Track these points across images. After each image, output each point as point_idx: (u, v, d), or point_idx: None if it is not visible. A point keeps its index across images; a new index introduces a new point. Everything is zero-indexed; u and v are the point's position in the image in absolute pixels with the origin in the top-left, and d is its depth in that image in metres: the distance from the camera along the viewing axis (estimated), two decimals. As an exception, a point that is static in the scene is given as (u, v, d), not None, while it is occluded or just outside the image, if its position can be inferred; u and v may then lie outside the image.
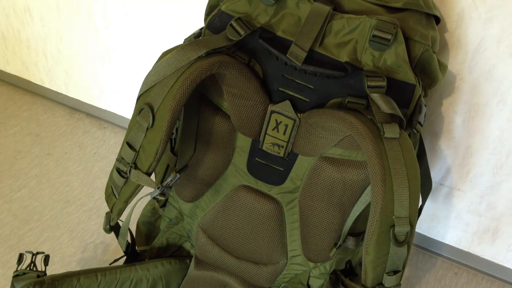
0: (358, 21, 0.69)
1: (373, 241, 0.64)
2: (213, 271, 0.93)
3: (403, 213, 0.63)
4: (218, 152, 0.81)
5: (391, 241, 0.64)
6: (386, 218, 0.63)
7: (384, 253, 0.65)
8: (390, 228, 0.64)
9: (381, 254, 0.65)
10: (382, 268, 0.66)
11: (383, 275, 0.67)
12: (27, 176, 1.29)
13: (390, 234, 0.64)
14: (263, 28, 0.72)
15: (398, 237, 0.64)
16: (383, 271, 0.67)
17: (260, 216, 0.83)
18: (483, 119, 0.91)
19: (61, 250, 1.11)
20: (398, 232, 0.64)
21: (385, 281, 0.67)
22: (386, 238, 0.64)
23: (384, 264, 0.66)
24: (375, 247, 0.64)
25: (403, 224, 0.63)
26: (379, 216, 0.63)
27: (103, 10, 1.22)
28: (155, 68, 0.70)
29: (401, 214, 0.63)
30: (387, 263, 0.66)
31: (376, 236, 0.64)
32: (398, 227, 0.63)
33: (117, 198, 0.78)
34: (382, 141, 0.64)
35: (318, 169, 0.75)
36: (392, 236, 0.64)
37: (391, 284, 0.67)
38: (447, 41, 0.86)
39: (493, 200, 0.99)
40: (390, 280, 0.67)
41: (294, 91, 0.72)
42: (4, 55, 1.53)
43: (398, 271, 0.67)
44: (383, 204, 0.62)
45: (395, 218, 0.63)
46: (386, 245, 0.65)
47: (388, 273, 0.66)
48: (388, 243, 0.65)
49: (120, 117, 1.43)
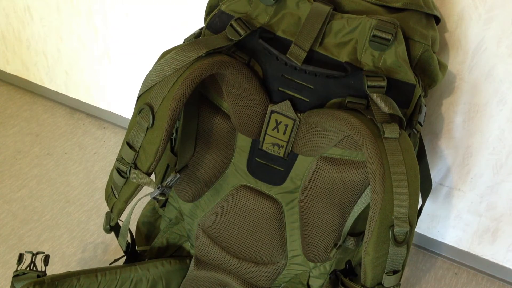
0: (358, 21, 0.69)
1: (373, 241, 0.64)
2: (213, 271, 0.93)
3: (403, 213, 0.63)
4: (218, 152, 0.81)
5: (390, 241, 0.64)
6: (385, 218, 0.63)
7: (383, 253, 0.65)
8: (390, 228, 0.64)
9: (381, 254, 0.65)
10: (382, 268, 0.66)
11: (382, 275, 0.67)
12: (27, 176, 1.29)
13: (389, 234, 0.64)
14: (263, 28, 0.72)
15: (398, 237, 0.64)
16: (383, 271, 0.67)
17: (260, 216, 0.83)
18: (483, 119, 0.91)
19: (61, 250, 1.11)
20: (397, 232, 0.64)
21: (384, 281, 0.67)
22: (385, 238, 0.64)
23: (383, 264, 0.66)
24: (375, 247, 0.64)
25: (403, 224, 0.63)
26: (378, 216, 0.63)
27: (103, 10, 1.22)
28: (155, 68, 0.70)
29: (400, 214, 0.63)
30: (386, 263, 0.66)
31: (375, 236, 0.64)
32: (397, 227, 0.63)
33: (117, 198, 0.78)
34: (382, 141, 0.64)
35: (318, 169, 0.75)
36: (392, 236, 0.64)
37: (391, 284, 0.67)
38: (447, 41, 0.86)
39: (493, 200, 0.99)
40: (390, 280, 0.67)
41: (294, 91, 0.72)
42: (4, 55, 1.53)
43: (398, 271, 0.67)
44: (383, 204, 0.62)
45: (394, 218, 0.63)
46: (385, 245, 0.65)
47: (387, 273, 0.66)
48: (388, 243, 0.65)
49: (120, 117, 1.43)
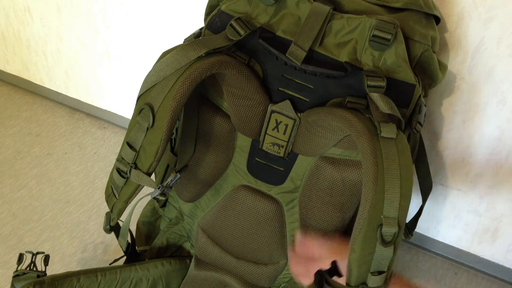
0: (358, 21, 0.69)
1: (360, 239, 0.64)
2: (213, 271, 0.93)
3: (392, 213, 0.63)
4: (218, 152, 0.81)
5: (378, 240, 0.64)
6: (374, 217, 0.63)
7: (369, 251, 0.65)
8: (378, 227, 0.63)
9: (367, 253, 0.65)
10: (367, 267, 0.66)
11: (367, 275, 0.66)
12: (27, 176, 1.29)
13: (377, 233, 0.64)
14: (263, 28, 0.72)
15: (385, 237, 0.64)
16: (368, 271, 0.66)
17: (260, 216, 0.83)
18: (483, 119, 0.91)
19: (61, 250, 1.11)
20: (385, 232, 0.63)
21: (369, 281, 0.67)
22: (372, 237, 0.64)
23: (369, 263, 0.65)
24: (361, 245, 0.64)
25: (391, 224, 0.63)
26: (367, 213, 0.62)
27: (103, 10, 1.22)
28: (155, 68, 0.70)
29: (390, 214, 0.63)
30: (372, 262, 0.65)
31: (363, 233, 0.63)
32: (385, 227, 0.63)
33: (117, 198, 0.78)
34: (378, 139, 0.64)
35: (318, 169, 0.75)
36: (379, 235, 0.63)
37: (375, 284, 0.66)
38: (447, 41, 0.86)
39: (493, 200, 0.99)
40: (374, 280, 0.66)
41: (294, 91, 0.72)
42: (4, 55, 1.53)
43: (383, 272, 0.66)
44: (373, 202, 0.62)
45: (383, 218, 0.63)
46: (372, 244, 0.64)
47: (372, 273, 0.66)
48: (375, 242, 0.64)
49: (120, 117, 1.43)
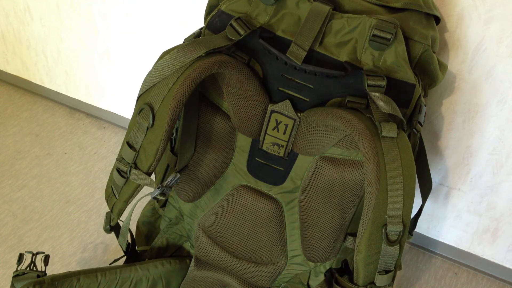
0: (358, 20, 0.69)
1: (365, 239, 0.64)
2: (213, 271, 0.93)
3: (396, 212, 0.63)
4: (218, 152, 0.81)
5: (383, 240, 0.64)
6: (378, 217, 0.63)
7: (375, 251, 0.65)
8: (382, 227, 0.64)
9: (373, 253, 0.65)
10: (374, 267, 0.66)
11: (375, 274, 0.67)
12: (27, 176, 1.29)
13: (382, 233, 0.64)
14: (263, 27, 0.72)
15: (390, 236, 0.64)
16: (375, 270, 0.66)
17: (260, 216, 0.83)
18: (483, 119, 0.91)
19: (61, 250, 1.11)
20: (390, 232, 0.64)
21: (376, 280, 0.67)
22: (378, 237, 0.64)
23: (375, 263, 0.66)
24: (367, 245, 0.64)
25: (396, 223, 0.63)
26: (371, 214, 0.63)
27: (103, 10, 1.22)
28: (155, 68, 0.70)
29: (394, 214, 0.63)
30: (378, 262, 0.66)
31: (368, 234, 0.64)
32: (390, 226, 0.63)
33: (117, 198, 0.78)
34: (379, 139, 0.64)
35: (318, 169, 0.75)
36: (384, 235, 0.64)
37: (383, 283, 0.67)
38: (447, 41, 0.86)
39: (493, 200, 0.99)
40: (382, 280, 0.67)
41: (294, 91, 0.72)
42: (4, 55, 1.53)
43: (390, 271, 0.67)
44: (376, 203, 0.62)
45: (387, 217, 0.63)
46: (378, 244, 0.65)
47: (380, 272, 0.66)
48: (380, 242, 0.64)
49: (120, 117, 1.43)
